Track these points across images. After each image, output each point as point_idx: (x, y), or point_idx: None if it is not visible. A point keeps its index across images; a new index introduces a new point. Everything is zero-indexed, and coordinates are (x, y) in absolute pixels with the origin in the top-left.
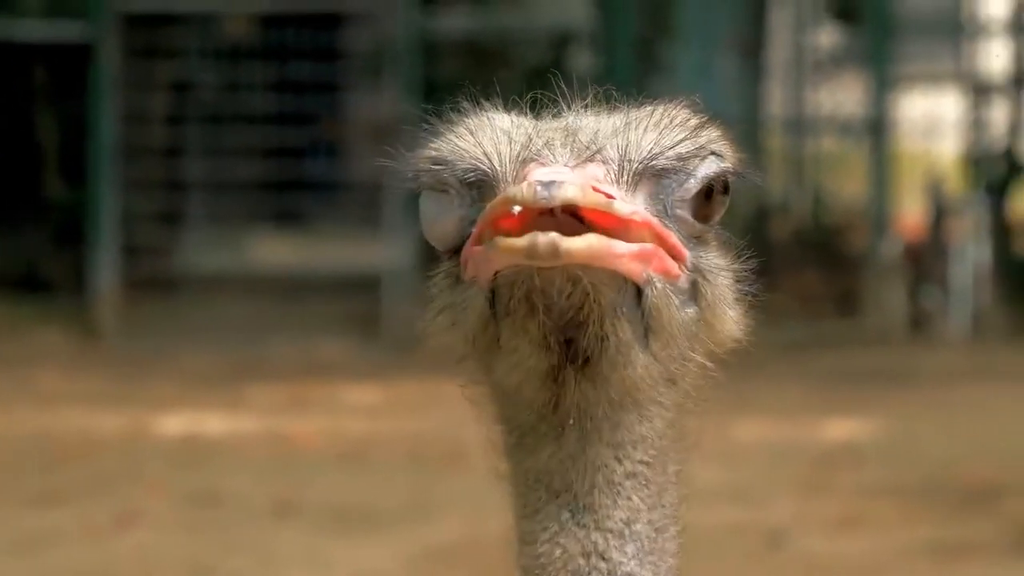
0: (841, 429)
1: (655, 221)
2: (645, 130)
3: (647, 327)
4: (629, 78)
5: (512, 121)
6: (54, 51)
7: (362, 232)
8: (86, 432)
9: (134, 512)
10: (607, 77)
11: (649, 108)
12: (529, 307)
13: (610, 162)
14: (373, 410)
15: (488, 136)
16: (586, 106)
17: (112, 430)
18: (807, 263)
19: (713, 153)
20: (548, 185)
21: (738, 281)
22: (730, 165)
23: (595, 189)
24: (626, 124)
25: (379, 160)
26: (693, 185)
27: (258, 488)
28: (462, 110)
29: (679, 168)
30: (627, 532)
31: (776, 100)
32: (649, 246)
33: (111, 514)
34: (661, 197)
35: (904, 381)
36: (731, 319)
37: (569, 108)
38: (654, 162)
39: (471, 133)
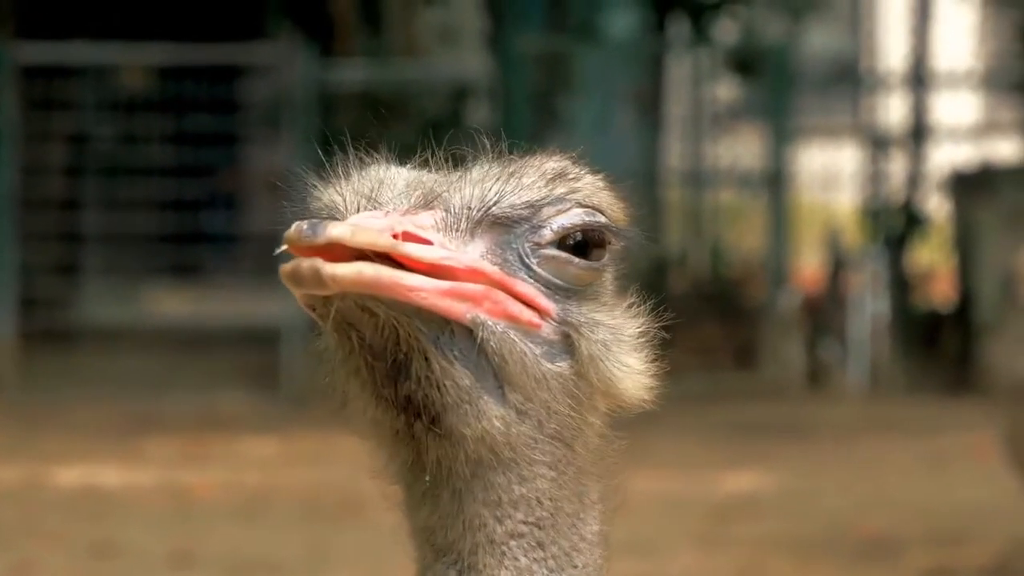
0: (739, 482)
1: (487, 267)
2: (489, 180)
3: (497, 376)
4: (527, 131)
5: (393, 172)
6: None
7: (260, 285)
8: None
9: (31, 564)
10: (505, 130)
11: (509, 159)
12: (348, 340)
13: (450, 210)
14: (270, 463)
15: (342, 186)
16: (479, 159)
17: (8, 482)
18: (705, 315)
19: (581, 205)
20: (314, 225)
21: (640, 340)
22: (603, 220)
23: (408, 234)
24: (470, 173)
25: (276, 212)
26: (548, 235)
27: (155, 540)
28: (351, 162)
29: (527, 217)
30: None
31: (675, 153)
32: (474, 287)
33: (7, 566)
34: (514, 247)
35: (802, 434)
36: (626, 378)
37: (463, 161)
38: (493, 210)
39: (339, 183)
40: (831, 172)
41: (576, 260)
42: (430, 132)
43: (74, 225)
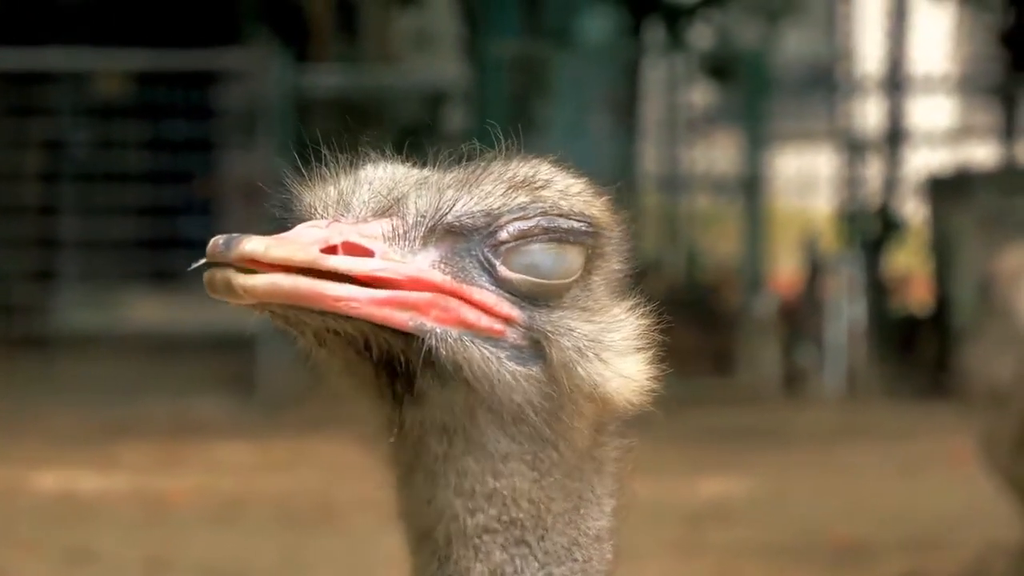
0: (714, 487)
1: (435, 276)
2: (446, 187)
3: (460, 378)
4: (502, 137)
5: (367, 176)
6: None
7: None
8: None
9: (6, 570)
10: (480, 135)
11: (473, 166)
12: (303, 335)
13: (405, 217)
14: (245, 469)
15: (314, 191)
16: (447, 163)
17: None
18: (681, 321)
19: (546, 213)
20: (229, 240)
21: (630, 344)
22: (568, 224)
23: (349, 245)
24: (429, 180)
25: (253, 218)
26: (506, 241)
27: (130, 546)
28: (326, 166)
29: (483, 226)
30: None
31: (650, 158)
32: (417, 295)
33: None
34: (474, 253)
35: (778, 439)
36: (608, 383)
37: (436, 166)
38: (448, 218)
39: (312, 188)
40: (807, 177)
41: (540, 265)
42: (406, 137)
43: (50, 231)
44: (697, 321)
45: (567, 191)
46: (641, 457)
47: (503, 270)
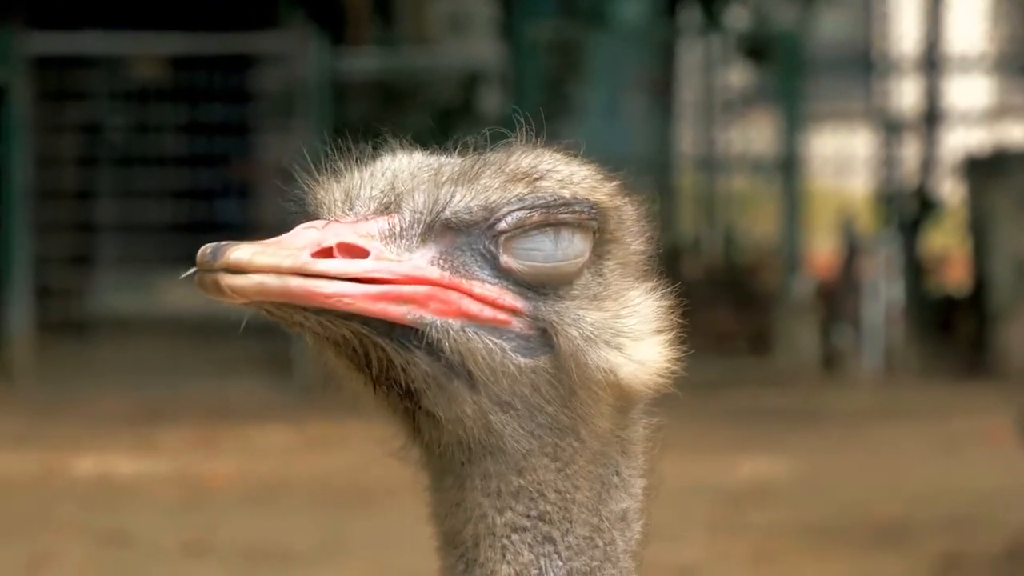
0: (753, 468)
1: (431, 273)
2: (444, 182)
3: (466, 369)
4: (538, 119)
5: (375, 170)
6: None
7: None
8: None
9: (46, 553)
10: (516, 118)
11: (475, 157)
12: (305, 336)
13: (404, 213)
14: (283, 451)
15: (324, 186)
16: (480, 147)
17: (24, 472)
18: (719, 302)
19: (546, 204)
20: (216, 249)
21: (646, 329)
22: (569, 211)
23: (344, 245)
24: (426, 176)
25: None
26: (505, 231)
27: (169, 529)
28: (337, 160)
29: (481, 220)
30: None
31: (687, 139)
32: (413, 289)
33: (23, 556)
34: (475, 247)
35: (816, 420)
36: (621, 368)
37: (472, 149)
38: (445, 214)
39: (323, 183)
40: (844, 157)
41: (542, 252)
42: (442, 120)
43: (88, 215)
44: (735, 302)
45: (569, 179)
46: (680, 437)
47: (505, 259)
